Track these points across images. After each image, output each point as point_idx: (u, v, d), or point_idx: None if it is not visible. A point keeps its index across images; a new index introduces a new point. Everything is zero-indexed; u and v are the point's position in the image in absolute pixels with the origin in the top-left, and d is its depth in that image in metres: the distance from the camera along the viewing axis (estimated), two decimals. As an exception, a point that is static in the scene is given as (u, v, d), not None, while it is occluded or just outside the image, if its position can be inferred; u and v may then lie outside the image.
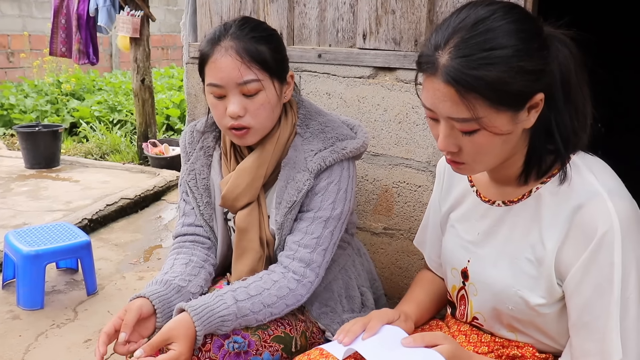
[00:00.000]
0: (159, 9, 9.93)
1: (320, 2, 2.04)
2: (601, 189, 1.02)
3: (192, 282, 1.43)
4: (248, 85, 1.36)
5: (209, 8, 2.33)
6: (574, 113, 1.06)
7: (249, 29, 1.40)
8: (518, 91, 0.98)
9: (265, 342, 1.36)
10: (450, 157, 1.09)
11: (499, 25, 0.98)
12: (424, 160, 1.90)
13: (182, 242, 1.55)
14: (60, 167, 4.91)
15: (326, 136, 1.48)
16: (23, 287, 2.53)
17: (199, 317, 1.26)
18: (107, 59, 9.66)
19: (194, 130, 1.60)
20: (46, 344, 2.27)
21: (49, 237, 2.65)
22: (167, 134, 6.39)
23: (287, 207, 1.44)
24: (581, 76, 1.06)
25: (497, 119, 0.99)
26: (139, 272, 2.98)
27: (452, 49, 0.98)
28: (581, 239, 1.01)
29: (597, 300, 1.01)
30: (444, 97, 1.00)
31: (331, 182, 1.45)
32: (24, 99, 6.84)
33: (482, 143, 1.02)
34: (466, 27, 0.99)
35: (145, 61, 5.10)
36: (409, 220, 1.98)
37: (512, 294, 1.11)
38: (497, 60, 0.96)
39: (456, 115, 1.00)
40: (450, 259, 1.28)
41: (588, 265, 1.01)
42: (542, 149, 1.08)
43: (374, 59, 1.93)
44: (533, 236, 1.09)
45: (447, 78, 0.98)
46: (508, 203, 1.15)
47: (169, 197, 4.23)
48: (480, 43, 0.97)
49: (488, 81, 0.96)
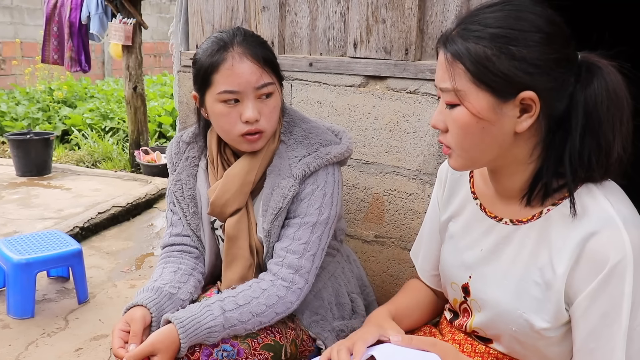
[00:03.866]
0: (151, 17, 9.95)
1: (312, 11, 2.05)
2: (616, 216, 0.99)
3: (181, 289, 1.43)
4: (265, 89, 1.39)
5: (201, 17, 2.34)
6: (596, 148, 1.01)
7: (252, 35, 1.44)
8: (501, 72, 0.98)
9: (254, 350, 1.36)
10: (440, 138, 1.11)
11: (505, 9, 1.01)
12: (414, 168, 1.91)
13: (170, 252, 1.56)
14: (51, 174, 4.89)
15: (310, 142, 1.49)
16: (13, 295, 2.51)
17: (184, 330, 1.26)
18: (99, 67, 9.65)
19: (180, 141, 1.60)
20: (37, 353, 2.26)
21: (40, 245, 2.64)
22: (159, 142, 6.37)
23: (273, 214, 1.44)
24: (616, 112, 1.01)
25: (476, 97, 1.00)
26: (130, 280, 2.97)
27: (462, 25, 1.04)
28: (592, 266, 0.99)
29: (603, 328, 0.99)
30: (440, 65, 1.05)
31: (316, 187, 1.45)
32: (15, 106, 6.82)
33: (461, 121, 1.03)
34: (480, 8, 1.04)
35: (137, 69, 5.10)
36: (399, 228, 1.99)
37: (516, 316, 1.09)
38: (487, 36, 0.99)
39: (441, 84, 1.05)
40: (449, 273, 1.26)
41: (598, 292, 0.99)
42: (550, 171, 1.05)
43: (364, 68, 1.95)
44: (542, 259, 1.06)
45: (445, 47, 1.04)
46: (516, 222, 1.12)
47: (161, 205, 4.23)
48: (480, 20, 1.01)
49: (471, 52, 0.99)
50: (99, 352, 2.27)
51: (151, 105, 6.91)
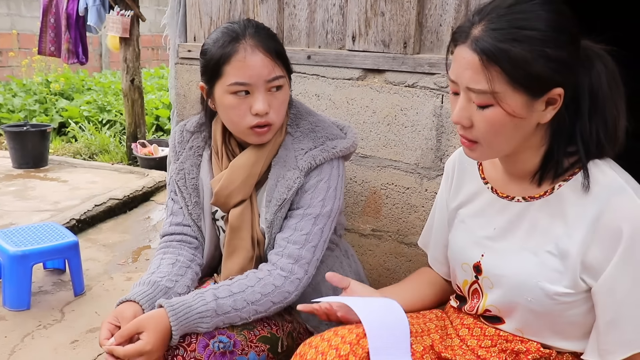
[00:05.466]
0: (149, 9, 9.90)
1: (310, 4, 2.04)
2: (626, 185, 1.06)
3: (179, 282, 1.43)
4: (275, 82, 1.39)
5: (199, 9, 2.33)
6: (602, 125, 1.10)
7: (263, 28, 1.44)
8: (537, 74, 1.01)
9: (251, 342, 1.36)
10: (462, 133, 1.12)
11: (534, 9, 1.03)
12: (412, 162, 1.91)
13: (169, 241, 1.56)
14: (48, 167, 4.87)
15: (316, 135, 1.50)
16: (9, 287, 2.51)
17: (174, 313, 1.25)
18: (96, 59, 9.61)
19: (184, 130, 1.60)
20: (32, 345, 2.25)
21: (36, 237, 2.63)
22: (156, 135, 6.35)
23: (277, 204, 1.45)
24: (616, 91, 1.10)
25: (512, 98, 1.03)
26: (127, 273, 2.96)
27: (486, 22, 1.04)
28: (612, 236, 1.04)
29: (636, 293, 1.04)
30: (468, 65, 1.04)
31: (321, 179, 1.46)
32: (12, 98, 6.79)
33: (494, 121, 1.05)
34: (504, 5, 1.05)
35: (135, 61, 5.07)
36: (397, 222, 1.99)
37: (533, 285, 1.12)
38: (524, 39, 1.01)
39: (475, 86, 1.04)
40: (459, 255, 1.29)
41: (625, 260, 1.03)
42: (561, 151, 1.11)
43: (363, 61, 1.94)
44: (557, 231, 1.11)
45: (475, 46, 1.03)
46: (528, 199, 1.17)
47: (158, 197, 4.22)
48: (512, 20, 1.02)
49: (511, 56, 1.00)
50: (94, 345, 2.26)
51: (148, 98, 6.88)
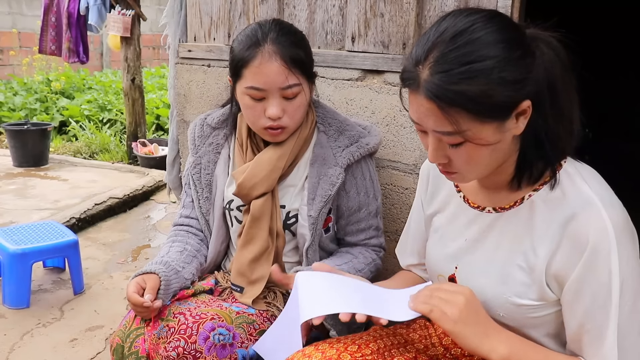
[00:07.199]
0: (150, 9, 9.90)
1: (310, 5, 2.05)
2: (595, 197, 1.01)
3: (185, 269, 1.50)
4: (290, 90, 1.43)
5: (199, 9, 2.34)
6: (560, 117, 1.04)
7: (287, 32, 1.46)
8: (502, 102, 0.97)
9: (250, 335, 1.39)
10: (442, 168, 1.10)
11: (478, 36, 0.96)
12: (411, 162, 1.92)
13: (178, 231, 1.64)
14: (48, 165, 4.89)
15: (350, 133, 1.58)
16: (9, 285, 2.52)
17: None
18: (97, 58, 9.62)
19: (204, 124, 1.65)
20: (32, 343, 2.26)
21: (36, 236, 2.64)
22: (156, 134, 6.36)
23: (322, 201, 1.51)
24: (568, 80, 1.04)
25: (482, 130, 0.98)
26: (126, 272, 2.97)
27: (432, 64, 0.97)
28: (575, 247, 1.00)
29: (596, 308, 1.00)
30: (427, 112, 0.99)
31: (364, 177, 1.59)
32: (12, 96, 6.80)
33: (471, 155, 1.02)
34: (445, 40, 0.97)
35: (135, 60, 5.08)
36: (395, 222, 1.99)
37: (503, 301, 1.10)
38: (477, 74, 0.94)
39: (441, 129, 1.00)
40: (435, 266, 1.27)
41: (586, 274, 1.00)
42: (533, 154, 1.07)
43: (362, 62, 1.94)
44: (525, 243, 1.08)
45: (428, 94, 0.97)
46: (499, 210, 1.14)
47: (158, 197, 4.23)
48: (459, 57, 0.95)
49: (469, 95, 0.95)
50: (94, 343, 2.27)
51: (149, 97, 6.90)
